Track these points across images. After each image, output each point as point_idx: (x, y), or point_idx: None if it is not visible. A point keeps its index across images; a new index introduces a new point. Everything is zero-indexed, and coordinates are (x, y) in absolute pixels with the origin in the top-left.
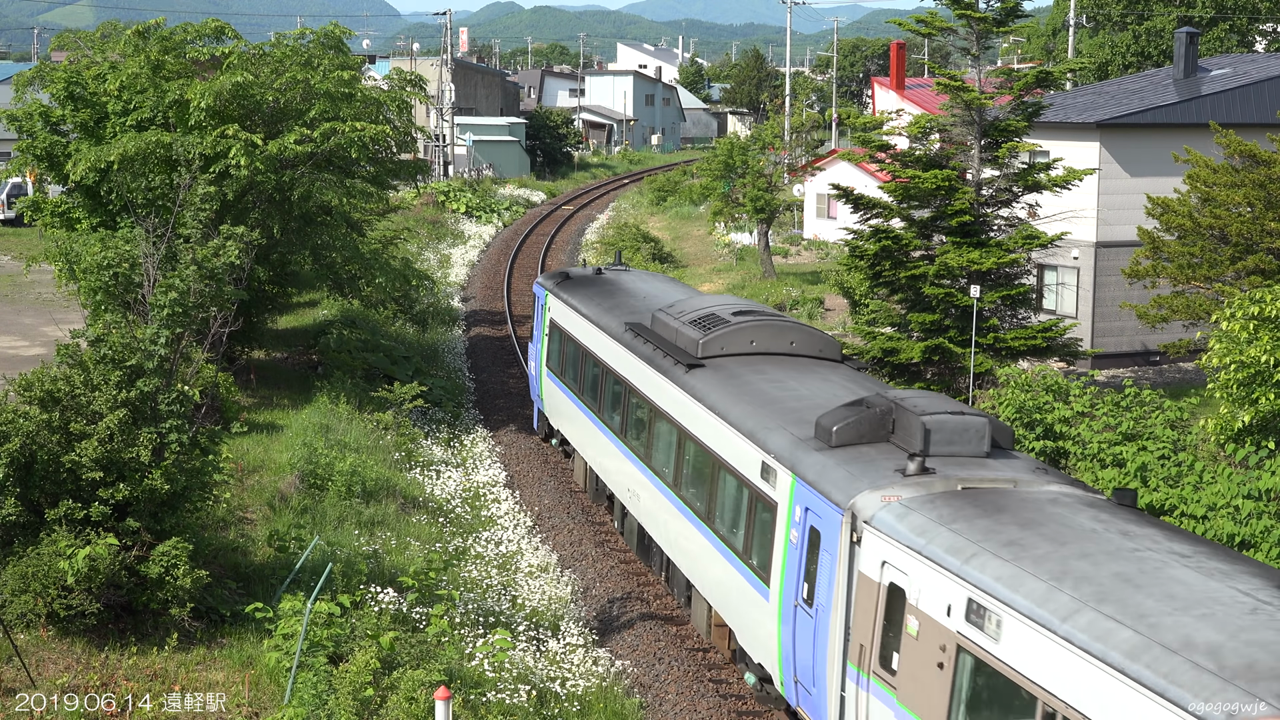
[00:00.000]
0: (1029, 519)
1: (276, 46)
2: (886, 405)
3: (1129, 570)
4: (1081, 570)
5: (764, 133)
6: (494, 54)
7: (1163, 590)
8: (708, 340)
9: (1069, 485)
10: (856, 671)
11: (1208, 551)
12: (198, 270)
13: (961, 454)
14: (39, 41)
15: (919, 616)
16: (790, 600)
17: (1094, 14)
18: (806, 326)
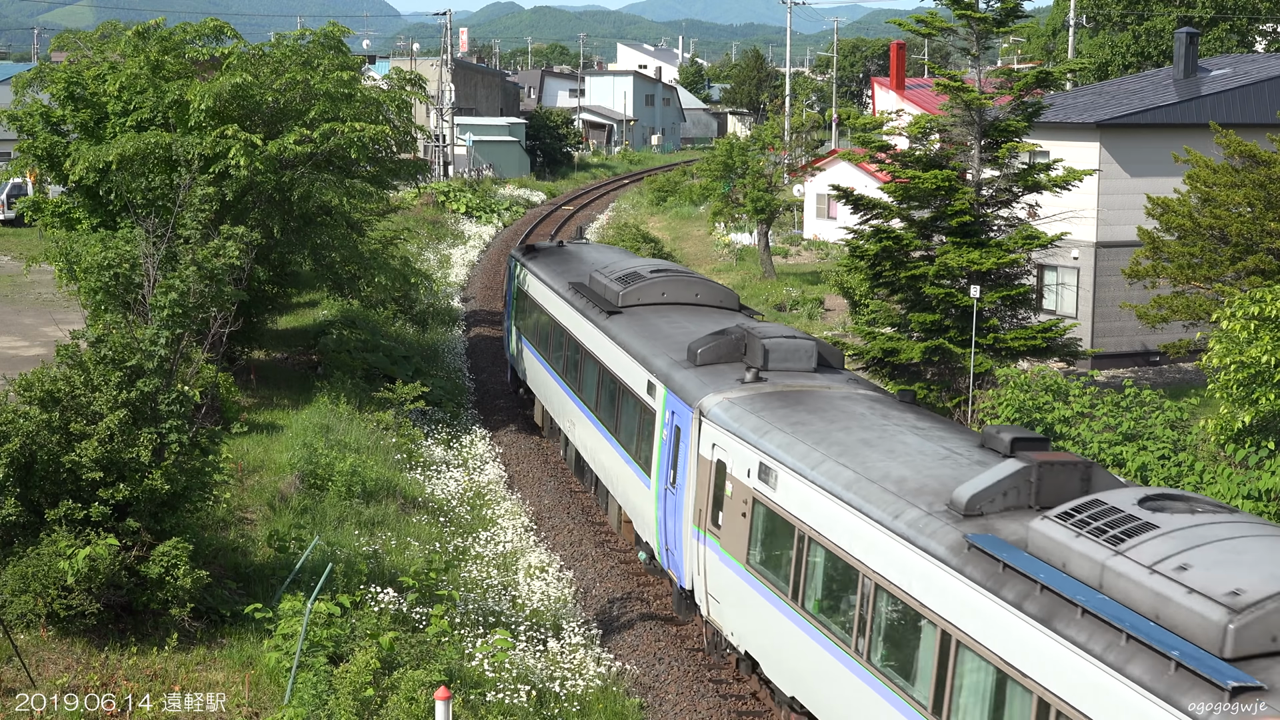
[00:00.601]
0: (818, 408)
1: (276, 47)
2: (741, 334)
3: (871, 437)
4: (837, 438)
5: (764, 133)
6: (494, 54)
7: (888, 448)
8: (626, 292)
9: (869, 390)
10: (697, 530)
11: (941, 426)
12: (198, 271)
13: (793, 369)
14: (39, 42)
15: (732, 481)
16: (663, 485)
17: (1094, 14)
18: (711, 281)
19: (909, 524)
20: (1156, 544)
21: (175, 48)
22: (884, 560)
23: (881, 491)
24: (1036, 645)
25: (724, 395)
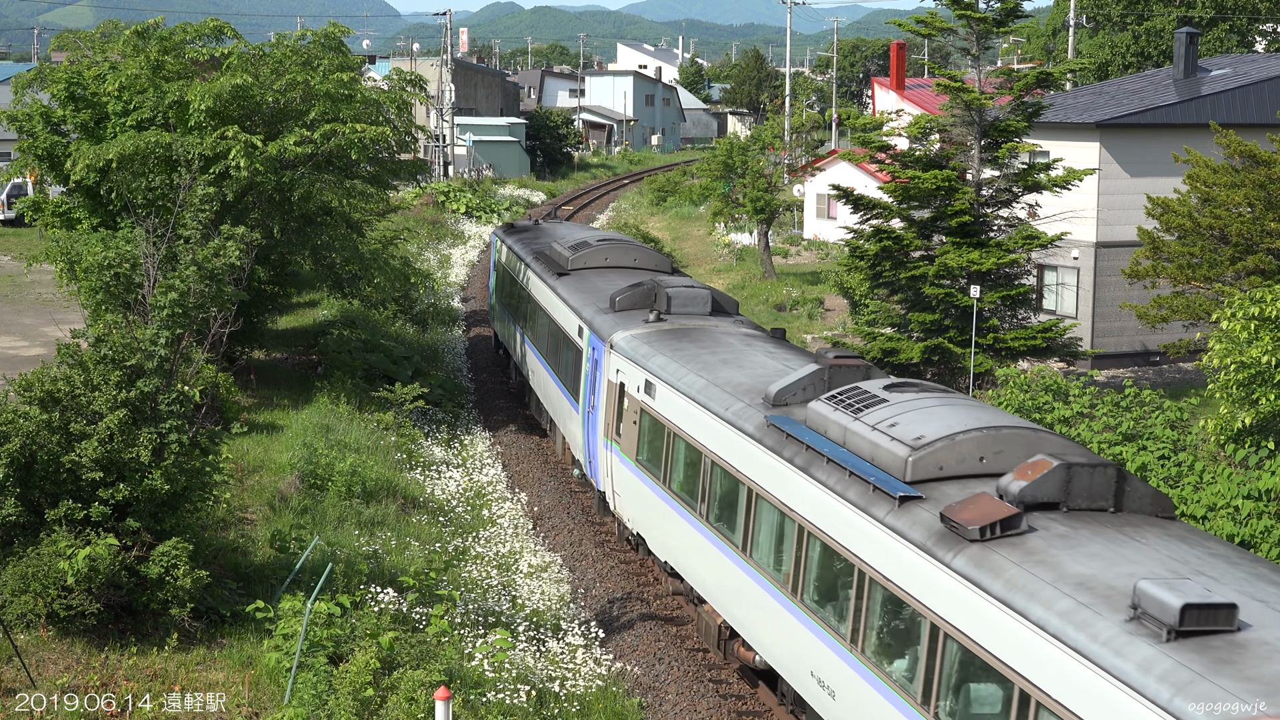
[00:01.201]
0: (698, 340)
1: (276, 47)
2: (652, 285)
3: (730, 357)
4: (704, 359)
5: (764, 133)
6: (494, 54)
7: (739, 365)
8: (574, 257)
9: (748, 328)
10: (606, 440)
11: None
12: (198, 271)
13: (690, 312)
14: (39, 42)
15: (628, 397)
16: (586, 408)
17: (1094, 14)
18: (648, 249)
19: (734, 413)
20: (882, 411)
21: (175, 48)
22: (718, 442)
23: (722, 392)
24: (800, 487)
25: (629, 332)
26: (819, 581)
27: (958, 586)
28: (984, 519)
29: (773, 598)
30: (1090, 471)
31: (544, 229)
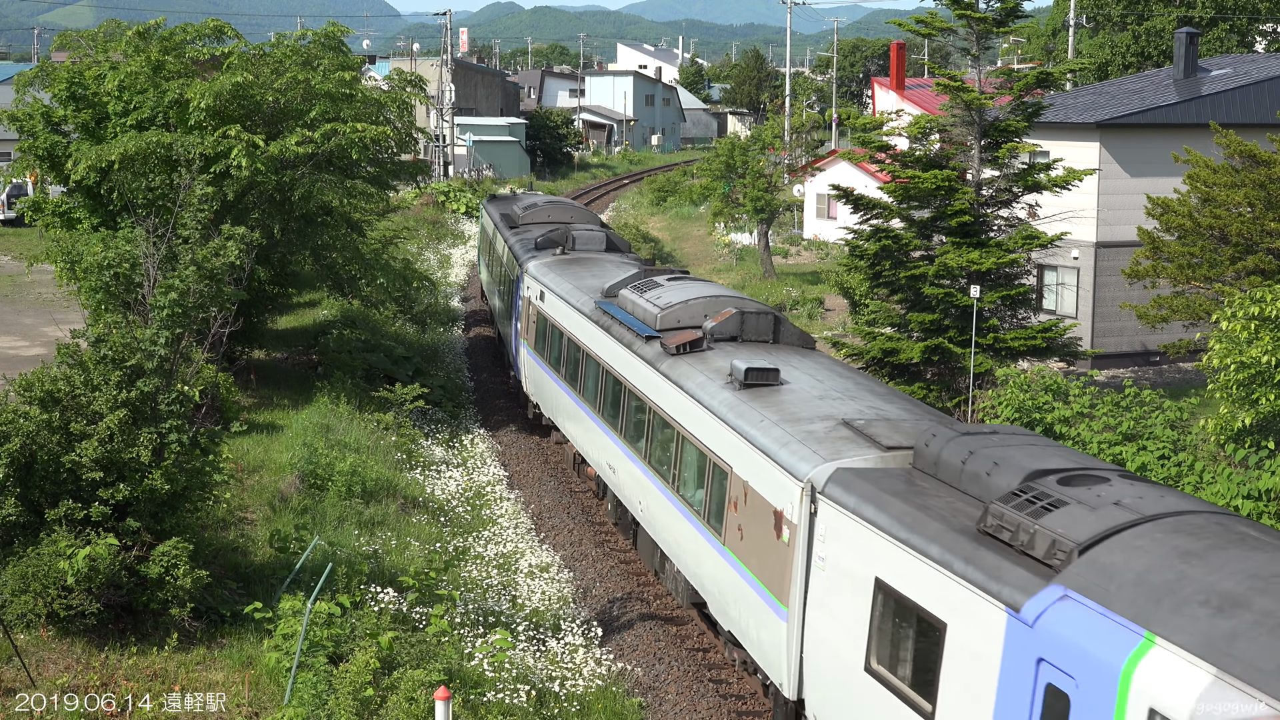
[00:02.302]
0: (586, 265)
1: (276, 47)
2: (566, 230)
3: (597, 271)
4: (580, 275)
5: (764, 133)
6: (494, 54)
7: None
8: (524, 214)
9: (628, 258)
10: (524, 341)
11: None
12: (198, 271)
13: (589, 249)
14: (39, 41)
15: (532, 305)
16: (516, 325)
17: (1094, 14)
18: (583, 208)
19: (580, 303)
20: (657, 291)
21: (176, 48)
22: (571, 323)
23: (579, 292)
24: (605, 342)
25: (539, 261)
26: (611, 400)
27: (661, 381)
28: (681, 342)
29: (590, 418)
30: (757, 316)
31: (517, 197)
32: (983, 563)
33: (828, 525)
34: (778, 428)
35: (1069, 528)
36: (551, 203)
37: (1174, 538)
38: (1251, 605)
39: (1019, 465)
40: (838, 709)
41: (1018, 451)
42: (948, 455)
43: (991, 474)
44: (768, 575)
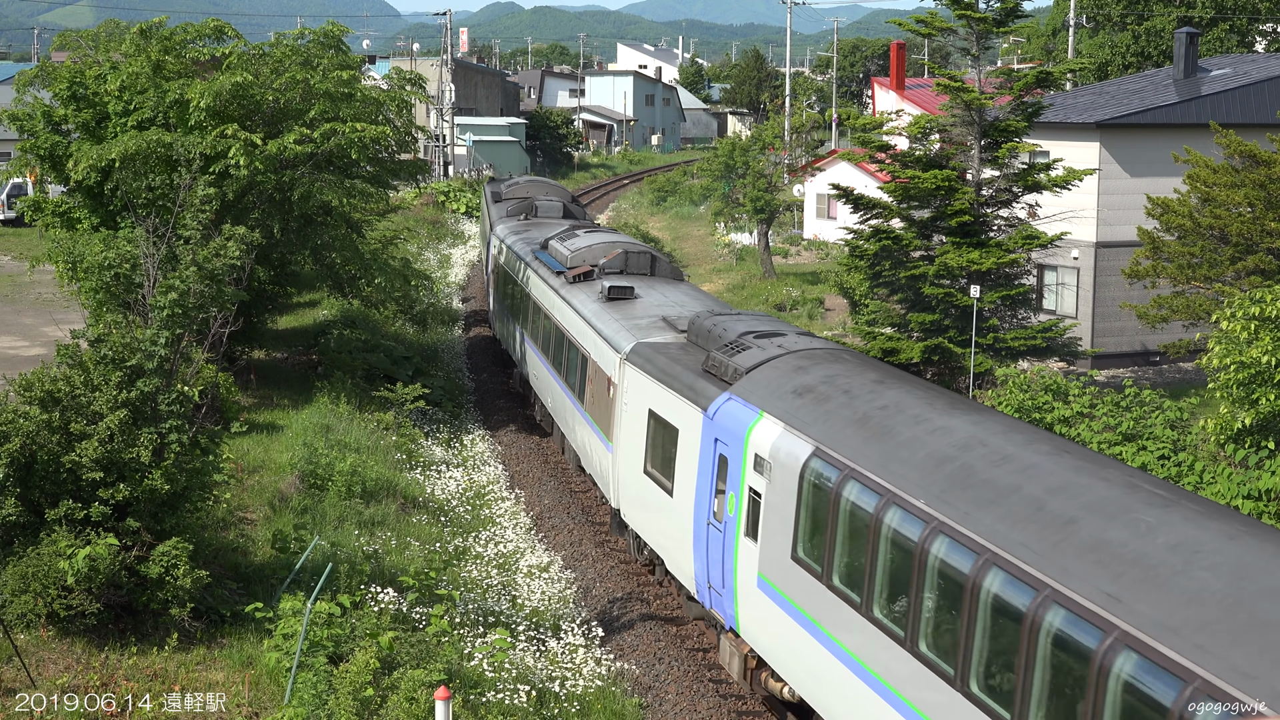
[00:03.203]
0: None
1: (276, 46)
2: (531, 201)
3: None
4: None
5: (764, 133)
6: (494, 54)
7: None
8: (506, 191)
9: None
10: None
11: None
12: (198, 271)
13: (548, 216)
14: (39, 41)
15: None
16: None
17: (1094, 14)
18: (558, 185)
19: (523, 253)
20: (575, 240)
21: (176, 47)
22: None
23: (524, 244)
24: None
25: (505, 226)
26: (535, 321)
27: (561, 302)
28: (577, 274)
29: (524, 338)
30: (638, 255)
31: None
32: (696, 386)
33: (628, 379)
34: (618, 323)
35: (744, 361)
36: (530, 181)
37: (797, 361)
38: (815, 390)
39: (736, 329)
40: (630, 504)
41: (742, 322)
42: (701, 327)
43: (721, 336)
44: (603, 423)
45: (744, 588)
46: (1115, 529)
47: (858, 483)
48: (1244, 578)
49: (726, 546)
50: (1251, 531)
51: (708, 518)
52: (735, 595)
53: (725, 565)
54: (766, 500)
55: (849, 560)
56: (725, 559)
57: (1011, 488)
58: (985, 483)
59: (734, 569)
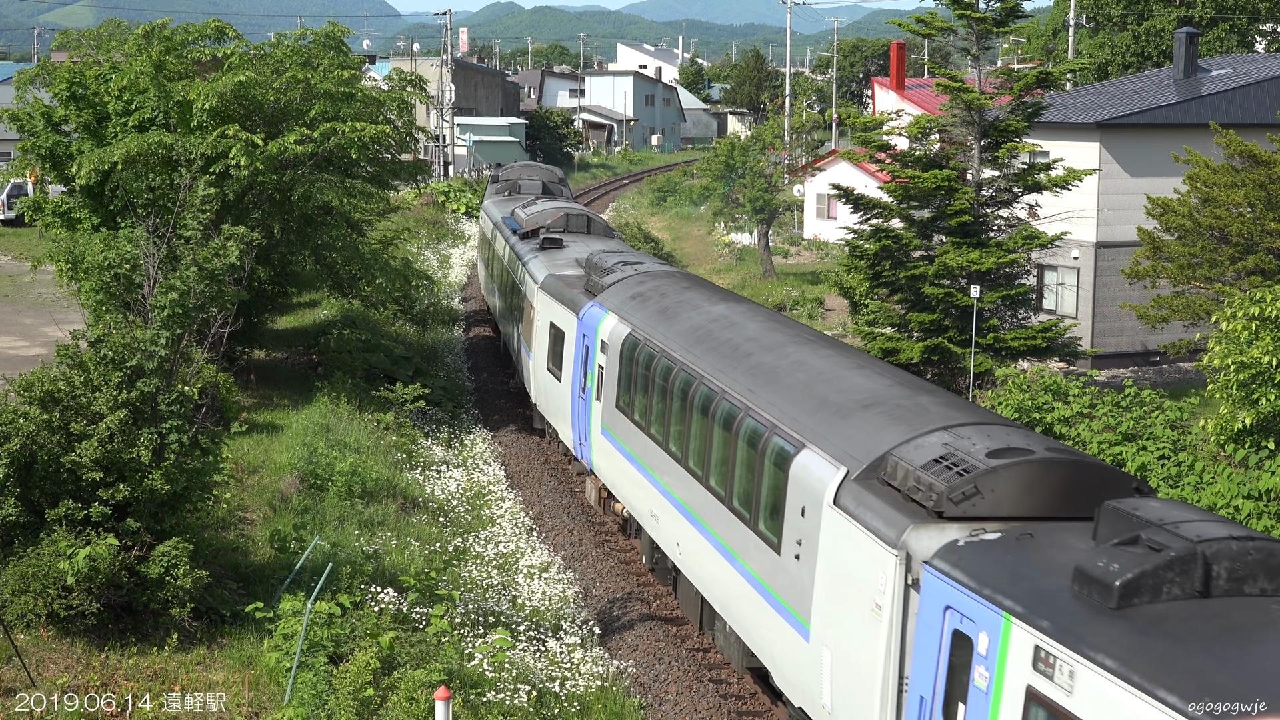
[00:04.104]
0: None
1: (277, 47)
2: (516, 179)
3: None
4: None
5: (764, 133)
6: (494, 54)
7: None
8: (502, 174)
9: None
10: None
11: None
12: (198, 271)
13: (528, 192)
14: (39, 41)
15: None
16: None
17: (1094, 14)
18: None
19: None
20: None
21: (177, 48)
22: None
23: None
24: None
25: (492, 201)
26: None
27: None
28: (525, 232)
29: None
30: (577, 217)
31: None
32: (575, 299)
33: (539, 301)
34: (542, 264)
35: (607, 280)
36: (523, 165)
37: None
38: (643, 295)
39: (611, 261)
40: (538, 392)
41: (616, 256)
42: (591, 261)
43: (599, 265)
44: (527, 337)
45: (594, 436)
46: (769, 356)
47: (648, 347)
48: (817, 379)
49: (587, 410)
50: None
51: (579, 393)
52: (590, 443)
53: (585, 424)
54: (605, 370)
55: (642, 399)
56: (585, 419)
57: (728, 341)
58: (714, 338)
59: (589, 425)
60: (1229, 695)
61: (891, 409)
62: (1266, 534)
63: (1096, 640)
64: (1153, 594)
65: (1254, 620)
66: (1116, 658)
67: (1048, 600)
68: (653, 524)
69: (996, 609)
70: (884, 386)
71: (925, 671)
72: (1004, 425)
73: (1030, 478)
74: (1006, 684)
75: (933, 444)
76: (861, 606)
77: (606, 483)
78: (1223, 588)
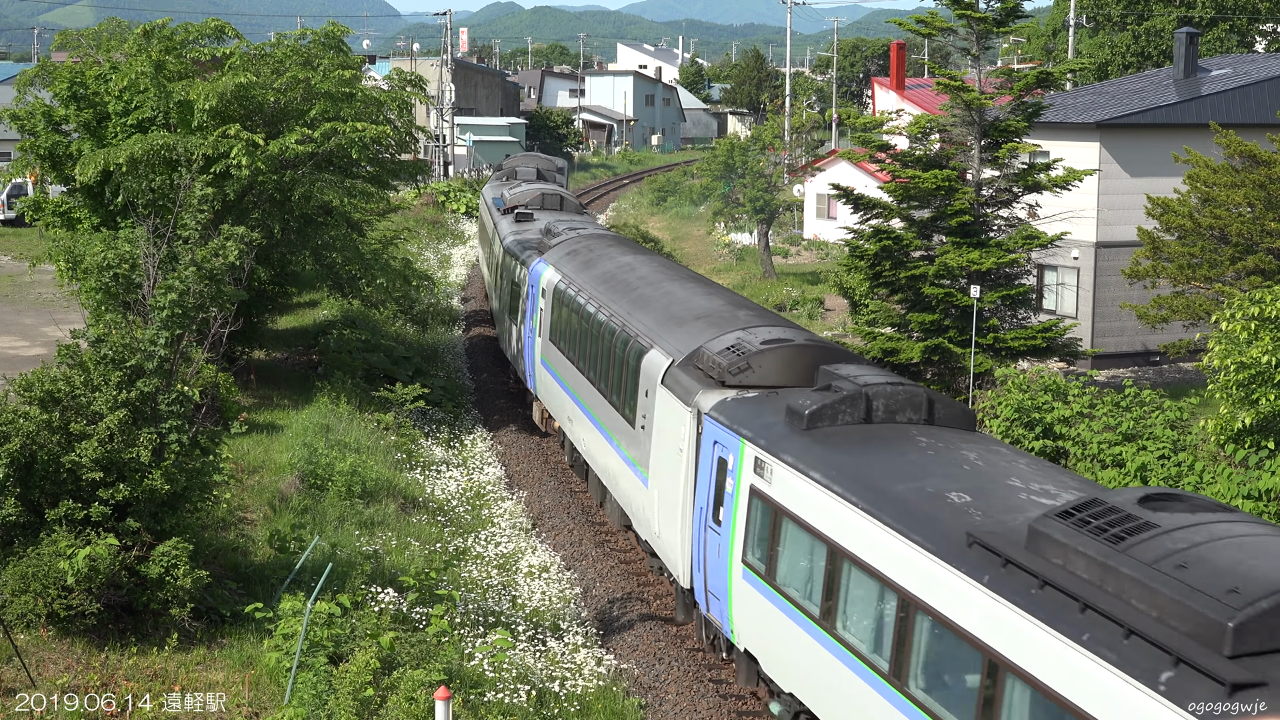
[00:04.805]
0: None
1: (277, 47)
2: (513, 169)
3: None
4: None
5: (764, 133)
6: (494, 54)
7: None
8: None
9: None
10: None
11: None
12: (197, 271)
13: (524, 179)
14: (39, 41)
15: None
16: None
17: (1094, 14)
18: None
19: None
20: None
21: (177, 48)
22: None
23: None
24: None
25: (490, 186)
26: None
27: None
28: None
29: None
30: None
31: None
32: (528, 256)
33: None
34: (512, 232)
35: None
36: (525, 155)
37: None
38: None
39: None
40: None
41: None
42: (546, 227)
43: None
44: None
45: (536, 366)
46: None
47: (569, 289)
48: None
49: (533, 345)
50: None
51: (529, 333)
52: (535, 373)
53: (532, 356)
54: (544, 311)
55: (565, 330)
56: (532, 352)
57: (625, 281)
58: (616, 279)
59: (533, 357)
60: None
61: (714, 319)
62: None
63: (787, 449)
64: (831, 419)
65: (895, 435)
66: (795, 457)
67: (767, 429)
68: (570, 427)
69: (738, 437)
70: (717, 305)
71: (704, 488)
72: (783, 325)
73: (786, 357)
74: (741, 486)
75: (730, 339)
76: (674, 453)
77: (544, 403)
78: (880, 416)
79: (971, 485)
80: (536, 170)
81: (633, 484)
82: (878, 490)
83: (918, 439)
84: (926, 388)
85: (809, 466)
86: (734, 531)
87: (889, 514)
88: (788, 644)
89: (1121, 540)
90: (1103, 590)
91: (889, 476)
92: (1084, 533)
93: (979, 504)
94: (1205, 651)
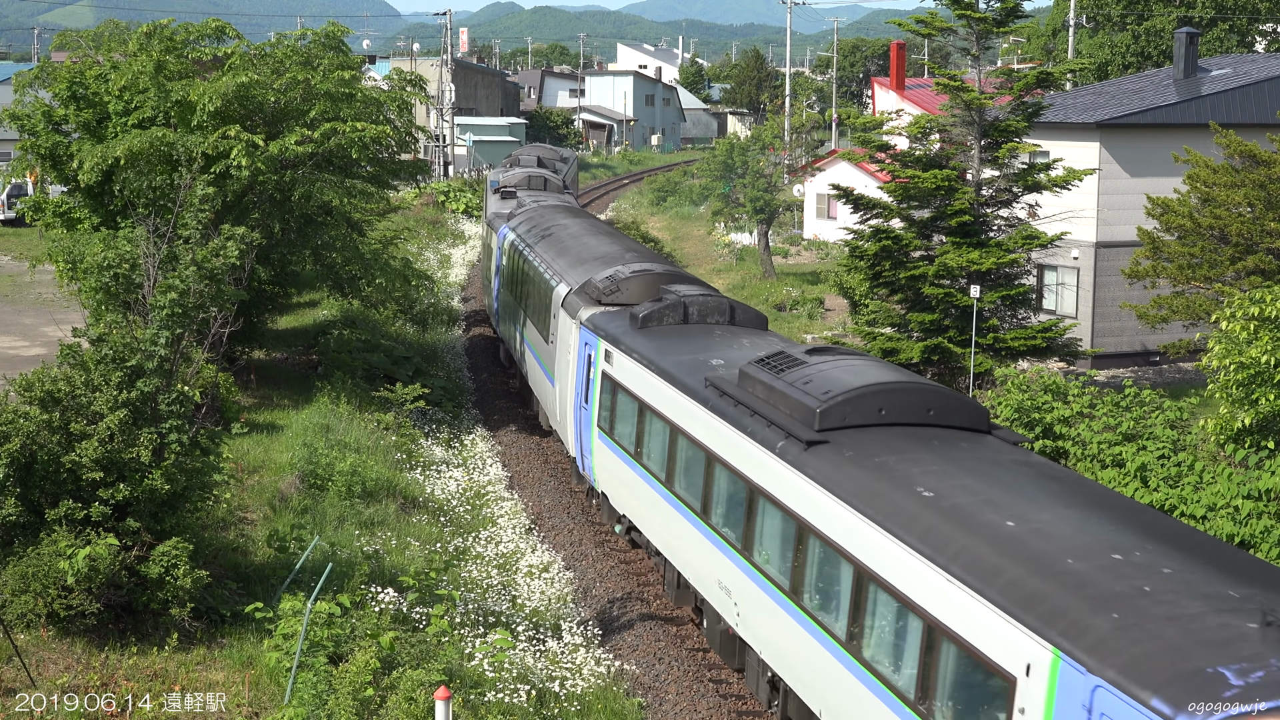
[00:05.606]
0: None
1: (277, 47)
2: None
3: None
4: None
5: (764, 133)
6: (494, 54)
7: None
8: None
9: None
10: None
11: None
12: (197, 271)
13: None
14: (39, 41)
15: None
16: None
17: (1094, 14)
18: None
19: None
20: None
21: (177, 48)
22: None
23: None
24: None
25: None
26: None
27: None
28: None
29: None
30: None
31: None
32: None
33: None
34: (496, 208)
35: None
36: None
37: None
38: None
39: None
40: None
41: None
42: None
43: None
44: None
45: (498, 303)
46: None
47: (518, 247)
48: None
49: (495, 289)
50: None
51: (495, 279)
52: (496, 309)
53: (495, 296)
54: (500, 264)
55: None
56: (495, 294)
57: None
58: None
59: (495, 296)
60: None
61: (607, 259)
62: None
63: (625, 341)
64: (658, 321)
65: (701, 331)
66: (630, 345)
67: (617, 330)
68: (520, 358)
69: (598, 336)
70: (614, 250)
71: (580, 377)
72: (653, 260)
73: (645, 280)
74: (597, 371)
75: (612, 272)
76: (569, 356)
77: (502, 339)
78: (695, 319)
79: (733, 356)
80: (538, 158)
81: (546, 386)
82: (670, 360)
83: (715, 332)
84: (730, 298)
85: (634, 350)
86: (594, 405)
87: (669, 372)
88: (622, 480)
89: (782, 371)
90: (767, 403)
91: (682, 353)
92: (764, 370)
93: (728, 364)
94: (802, 428)
